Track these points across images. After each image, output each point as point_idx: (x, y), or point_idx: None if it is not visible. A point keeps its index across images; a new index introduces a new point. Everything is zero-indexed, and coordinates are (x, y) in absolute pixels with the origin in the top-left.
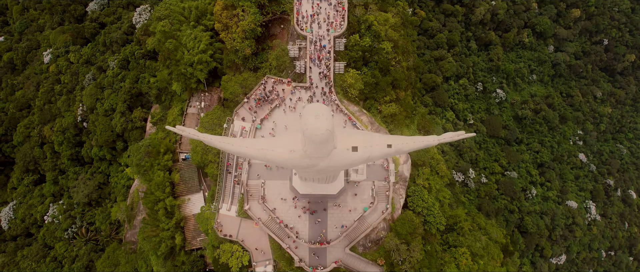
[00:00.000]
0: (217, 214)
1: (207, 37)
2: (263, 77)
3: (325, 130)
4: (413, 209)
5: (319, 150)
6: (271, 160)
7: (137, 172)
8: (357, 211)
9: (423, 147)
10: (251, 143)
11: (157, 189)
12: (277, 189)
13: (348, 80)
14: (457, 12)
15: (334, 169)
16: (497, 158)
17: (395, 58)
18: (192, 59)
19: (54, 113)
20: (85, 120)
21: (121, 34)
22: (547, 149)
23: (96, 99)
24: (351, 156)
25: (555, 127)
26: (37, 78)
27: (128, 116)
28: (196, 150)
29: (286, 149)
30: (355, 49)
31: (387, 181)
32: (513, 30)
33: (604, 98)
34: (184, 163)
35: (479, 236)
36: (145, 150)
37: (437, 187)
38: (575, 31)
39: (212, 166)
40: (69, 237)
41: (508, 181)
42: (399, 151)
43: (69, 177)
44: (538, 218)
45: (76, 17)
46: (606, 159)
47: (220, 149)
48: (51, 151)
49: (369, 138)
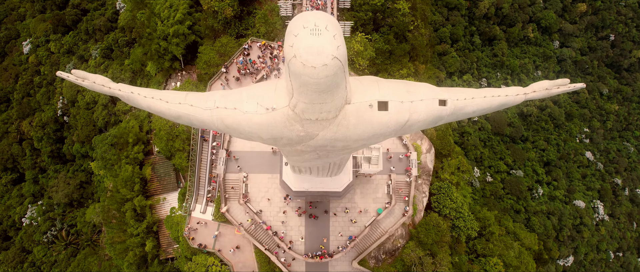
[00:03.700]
0: (188, 218)
1: (185, 5)
2: (246, 40)
3: (329, 60)
4: (439, 211)
5: (317, 104)
6: (233, 128)
7: (102, 166)
8: (369, 213)
9: (499, 106)
10: (197, 99)
11: (124, 186)
12: (263, 184)
13: (355, 47)
14: (461, 6)
15: (343, 146)
16: (503, 156)
17: (414, 23)
18: (166, 31)
19: (33, 107)
20: (66, 115)
21: (105, 21)
22: (553, 147)
23: (77, 91)
24: (376, 118)
25: (561, 125)
26: (15, 70)
27: (110, 109)
28: (159, 135)
29: (258, 106)
30: (363, 8)
31: (408, 174)
32: (518, 25)
33: (610, 95)
34: (158, 156)
35: (510, 242)
36: (111, 141)
37: (461, 183)
38: (581, 26)
39: (181, 156)
40: (48, 240)
41: (514, 180)
42: (458, 113)
43: (50, 176)
44: (545, 218)
45: (58, 4)
46: (613, 158)
47: (146, 109)
48: (30, 147)
49: (407, 88)
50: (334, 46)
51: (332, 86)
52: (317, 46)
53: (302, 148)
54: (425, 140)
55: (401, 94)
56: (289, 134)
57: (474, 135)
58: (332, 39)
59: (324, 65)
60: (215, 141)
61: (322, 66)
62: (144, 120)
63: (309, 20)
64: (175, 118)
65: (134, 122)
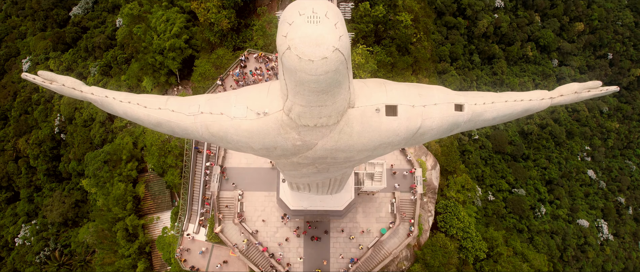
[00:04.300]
0: (180, 239)
1: (182, 19)
2: (243, 52)
3: (330, 52)
4: (445, 231)
5: (316, 107)
6: (219, 136)
7: (93, 184)
8: (372, 233)
9: (522, 111)
10: (180, 103)
11: (116, 204)
12: (259, 203)
13: (356, 59)
14: (459, 25)
15: (345, 157)
16: (504, 175)
17: (416, 35)
18: (162, 44)
19: (30, 124)
20: (63, 132)
21: (104, 39)
22: (555, 165)
23: (75, 108)
24: (384, 124)
25: (562, 143)
26: (14, 87)
27: (108, 126)
28: (151, 150)
29: (248, 110)
30: (365, 20)
31: (413, 191)
32: (517, 44)
33: (610, 113)
34: (153, 174)
35: (518, 264)
36: (104, 157)
37: (467, 202)
38: (579, 45)
39: (173, 172)
40: (40, 261)
41: (516, 199)
42: (476, 120)
43: (45, 195)
44: (548, 238)
45: (58, 22)
46: (616, 176)
47: (123, 116)
48: (26, 165)
49: (419, 91)
50: (336, 36)
51: (332, 85)
52: (315, 36)
53: (298, 160)
54: (429, 156)
55: (412, 98)
56: (284, 143)
57: (475, 153)
58: (333, 28)
59: (323, 58)
60: (209, 161)
61: (321, 60)
62: (139, 136)
63: (306, 6)
64: (155, 125)
65: (128, 139)
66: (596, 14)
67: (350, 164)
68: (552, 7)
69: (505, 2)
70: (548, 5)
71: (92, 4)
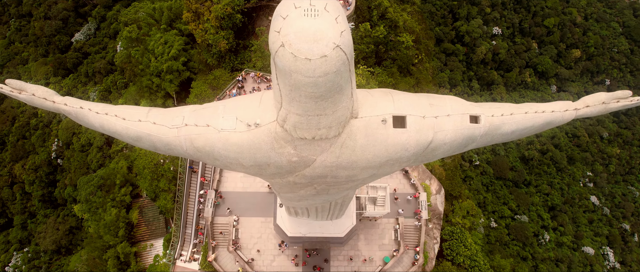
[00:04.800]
0: (172, 267)
1: (181, 42)
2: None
3: (329, 49)
4: (452, 260)
5: (314, 116)
6: (206, 151)
7: (86, 209)
8: (375, 262)
9: (544, 124)
10: (162, 115)
11: (108, 231)
12: (256, 229)
13: (357, 80)
14: (458, 52)
15: (348, 176)
16: (506, 201)
17: (418, 56)
18: (160, 67)
19: (27, 149)
20: (60, 157)
21: (105, 64)
22: (557, 191)
23: (72, 133)
24: (392, 137)
25: (563, 169)
26: (13, 112)
27: (105, 151)
28: (143, 174)
29: (238, 122)
30: (365, 41)
31: (417, 217)
32: (515, 70)
33: (610, 138)
34: (147, 199)
35: None
36: (98, 182)
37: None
38: (576, 71)
39: (166, 196)
40: None
41: (519, 225)
42: (493, 133)
43: (39, 221)
44: (553, 266)
45: (60, 48)
46: (619, 202)
47: (99, 129)
48: (21, 191)
49: (430, 101)
50: (337, 31)
51: (333, 90)
52: (313, 30)
53: (295, 179)
54: (433, 180)
55: (423, 108)
56: (278, 159)
57: (476, 179)
58: (334, 22)
59: (322, 57)
60: (203, 188)
61: (319, 58)
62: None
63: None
64: (135, 140)
65: (123, 163)
66: (592, 41)
67: (353, 185)
68: (549, 34)
69: (503, 30)
70: (544, 32)
71: (94, 31)
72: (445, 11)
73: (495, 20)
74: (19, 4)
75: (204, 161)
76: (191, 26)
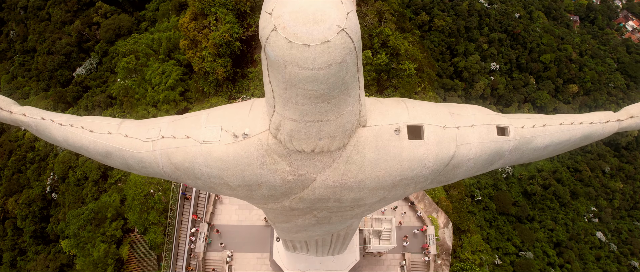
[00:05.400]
0: None
1: (178, 72)
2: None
3: (333, 33)
4: None
5: (314, 122)
6: (184, 168)
7: (74, 245)
8: None
9: (583, 137)
10: (136, 127)
11: (95, 269)
12: (251, 266)
13: None
14: (457, 87)
15: (354, 199)
16: (510, 237)
17: (420, 84)
18: (156, 97)
19: (22, 183)
20: (55, 191)
21: (105, 98)
22: (562, 227)
23: (69, 166)
24: (406, 150)
25: (567, 204)
26: (10, 146)
27: (101, 185)
28: (132, 205)
29: (223, 132)
30: (367, 68)
31: (425, 252)
32: (514, 104)
33: (613, 173)
34: (139, 234)
35: None
36: (88, 216)
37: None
38: (575, 106)
39: (156, 230)
40: None
41: (524, 263)
42: (524, 148)
43: (29, 258)
44: None
45: (62, 83)
46: (626, 238)
47: (64, 144)
48: (12, 227)
49: (450, 109)
50: (342, 12)
51: (337, 87)
52: (313, 9)
53: (291, 204)
54: (440, 212)
55: (442, 117)
56: (270, 177)
57: (479, 214)
58: (339, 1)
59: (324, 42)
60: (195, 226)
61: (321, 44)
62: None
63: None
64: (104, 156)
65: (116, 196)
66: (588, 76)
67: (359, 212)
68: (546, 69)
69: (500, 65)
70: (541, 67)
71: (95, 65)
72: (443, 47)
73: (492, 56)
74: (24, 40)
75: (184, 182)
76: (188, 54)
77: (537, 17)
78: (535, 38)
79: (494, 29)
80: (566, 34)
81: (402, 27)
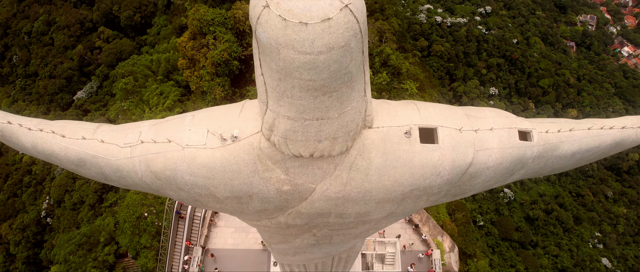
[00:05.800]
0: None
1: (177, 93)
2: None
3: (335, 10)
4: None
5: (313, 120)
6: (165, 177)
7: (64, 271)
8: None
9: (613, 144)
10: (114, 131)
11: None
12: None
13: None
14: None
15: (358, 214)
16: (513, 263)
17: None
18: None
19: (17, 208)
20: (50, 216)
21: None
22: (566, 253)
23: (65, 190)
24: (418, 156)
25: (570, 229)
26: (7, 169)
27: (97, 209)
28: (123, 227)
29: (209, 135)
30: None
31: None
32: None
33: (616, 198)
34: (132, 259)
35: None
36: (79, 240)
37: None
38: None
39: (147, 254)
40: None
41: None
42: (548, 156)
43: None
44: None
45: (62, 106)
46: (632, 265)
47: (32, 152)
48: (5, 253)
49: (466, 112)
50: None
51: (339, 77)
52: None
53: (287, 220)
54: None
55: (457, 119)
56: (263, 187)
57: (482, 240)
58: None
59: (324, 19)
60: (188, 254)
61: (321, 23)
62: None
63: None
64: (77, 165)
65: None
66: (587, 101)
67: (363, 229)
68: (544, 94)
69: (500, 90)
70: (540, 92)
71: (96, 89)
72: (442, 73)
73: (491, 80)
74: (26, 65)
75: (166, 194)
76: (186, 73)
77: (534, 43)
78: (533, 63)
79: (492, 54)
80: (563, 59)
81: (402, 46)
